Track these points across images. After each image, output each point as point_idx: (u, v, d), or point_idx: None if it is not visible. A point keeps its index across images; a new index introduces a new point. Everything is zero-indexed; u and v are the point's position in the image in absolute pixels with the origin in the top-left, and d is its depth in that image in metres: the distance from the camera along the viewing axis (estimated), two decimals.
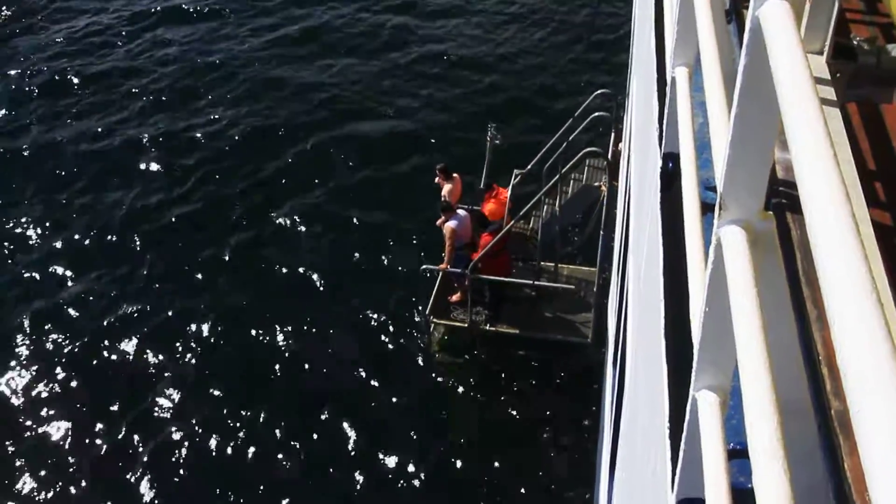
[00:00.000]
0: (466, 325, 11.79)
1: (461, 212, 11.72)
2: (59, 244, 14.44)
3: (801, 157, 1.10)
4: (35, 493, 10.51)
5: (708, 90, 1.94)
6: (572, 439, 10.93)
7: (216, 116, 17.51)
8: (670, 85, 2.92)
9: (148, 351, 12.26)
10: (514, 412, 11.31)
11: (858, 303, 0.88)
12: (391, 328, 12.46)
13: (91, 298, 13.30)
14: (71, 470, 10.80)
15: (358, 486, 10.52)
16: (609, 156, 12.05)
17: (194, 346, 12.31)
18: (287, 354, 12.13)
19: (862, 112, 3.08)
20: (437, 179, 12.52)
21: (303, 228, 14.39)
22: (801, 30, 2.84)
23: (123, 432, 11.16)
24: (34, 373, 12.09)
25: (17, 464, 10.87)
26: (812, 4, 2.89)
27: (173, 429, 11.19)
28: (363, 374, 11.81)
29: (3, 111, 18.08)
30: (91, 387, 11.85)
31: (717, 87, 1.92)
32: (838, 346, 0.87)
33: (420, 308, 12.30)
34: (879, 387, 0.79)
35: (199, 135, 16.90)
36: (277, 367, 11.96)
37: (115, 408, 11.49)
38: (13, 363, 12.25)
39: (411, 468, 10.67)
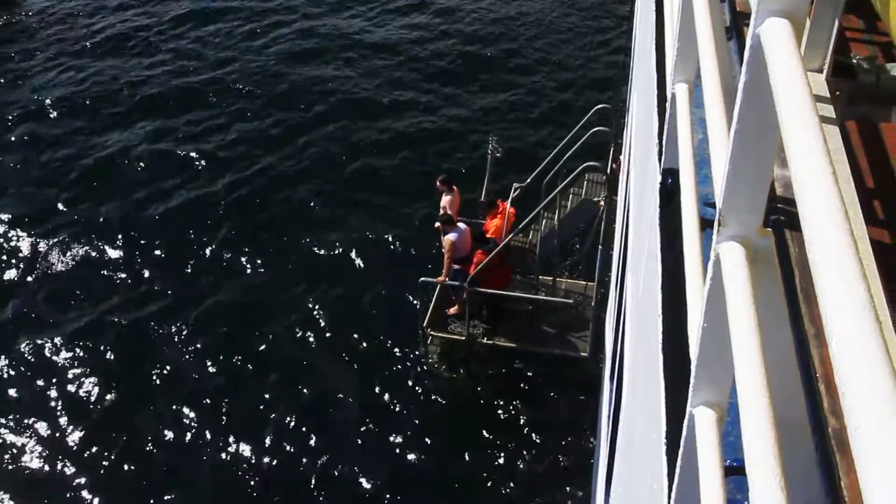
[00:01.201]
0: (464, 337, 11.78)
1: (461, 225, 11.73)
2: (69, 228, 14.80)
3: (800, 175, 1.10)
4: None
5: (708, 106, 1.94)
6: (569, 453, 10.89)
7: (221, 114, 17.80)
8: (670, 101, 2.93)
9: (135, 353, 12.28)
10: (511, 426, 11.28)
11: (856, 321, 0.88)
12: (388, 340, 12.44)
13: (90, 282, 13.58)
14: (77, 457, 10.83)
15: (352, 495, 10.47)
16: (608, 170, 12.08)
17: (193, 351, 12.28)
18: (282, 365, 12.09)
19: (861, 130, 3.08)
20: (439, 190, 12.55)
21: (298, 240, 14.38)
22: (802, 48, 2.85)
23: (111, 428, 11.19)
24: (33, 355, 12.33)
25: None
26: (812, 23, 2.90)
27: (156, 433, 11.18)
28: (360, 385, 11.78)
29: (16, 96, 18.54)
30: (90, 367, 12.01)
31: (717, 103, 1.92)
32: (836, 363, 0.87)
33: (418, 320, 12.28)
34: (877, 405, 0.79)
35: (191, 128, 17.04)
36: (272, 376, 11.92)
37: (104, 398, 11.53)
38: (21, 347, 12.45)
39: (406, 480, 10.62)
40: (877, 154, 2.96)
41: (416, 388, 11.81)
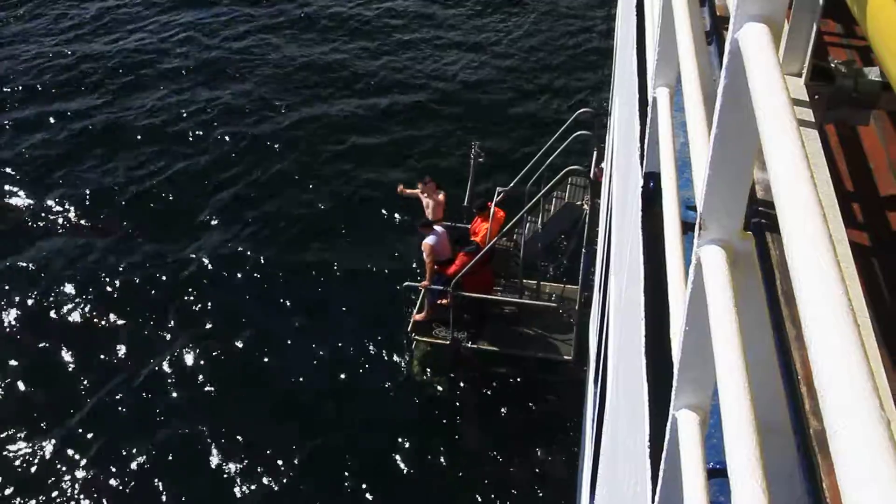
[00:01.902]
0: (448, 342, 11.77)
1: (438, 228, 11.73)
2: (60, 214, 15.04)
3: (778, 178, 1.11)
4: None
5: (688, 110, 1.95)
6: (553, 457, 10.90)
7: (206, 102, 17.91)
8: (651, 105, 2.94)
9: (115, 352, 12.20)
10: (495, 429, 11.27)
11: (835, 324, 0.89)
12: (372, 345, 12.41)
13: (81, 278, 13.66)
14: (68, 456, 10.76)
15: (335, 499, 10.43)
16: (591, 174, 12.12)
17: (175, 360, 12.19)
18: (265, 368, 12.03)
19: (840, 134, 3.11)
20: (420, 190, 12.56)
21: (282, 244, 14.32)
22: (781, 52, 2.87)
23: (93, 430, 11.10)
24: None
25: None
26: (791, 27, 2.93)
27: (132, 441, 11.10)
28: (343, 390, 11.74)
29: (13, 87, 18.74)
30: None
31: (697, 107, 1.93)
32: (815, 366, 0.88)
33: (402, 325, 12.26)
34: (855, 408, 0.79)
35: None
36: (255, 379, 11.86)
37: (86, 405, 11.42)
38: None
39: (390, 484, 10.59)
40: (855, 157, 2.99)
41: (400, 392, 11.78)
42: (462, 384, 11.89)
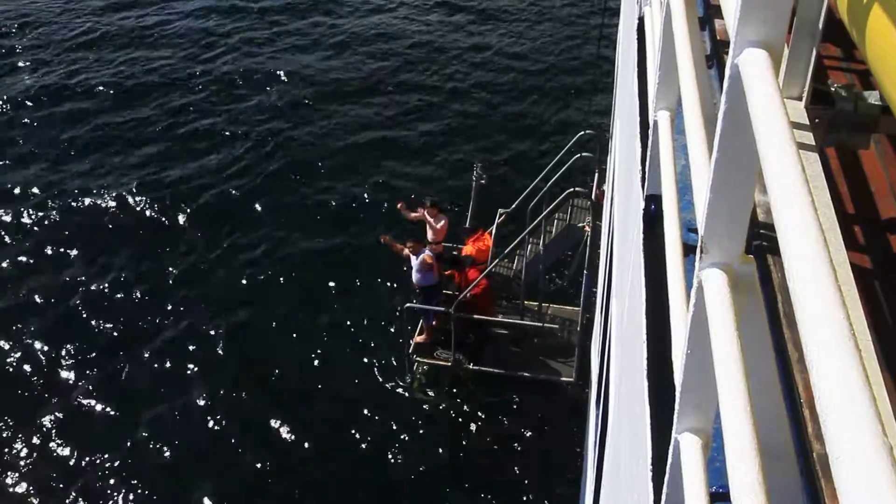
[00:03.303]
0: (449, 363, 11.74)
1: (426, 250, 11.80)
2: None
3: (779, 201, 1.11)
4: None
5: (689, 134, 1.96)
6: (555, 480, 10.83)
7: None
8: (652, 128, 2.95)
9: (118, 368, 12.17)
10: (497, 452, 11.21)
11: (836, 347, 0.89)
12: (374, 367, 12.37)
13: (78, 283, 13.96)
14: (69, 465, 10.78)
15: None
16: (592, 196, 12.15)
17: (167, 374, 12.15)
18: (267, 389, 11.99)
19: (840, 157, 3.12)
20: (422, 214, 12.58)
21: (285, 264, 14.33)
22: (781, 76, 2.89)
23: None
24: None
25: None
26: (791, 51, 2.94)
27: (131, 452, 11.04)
28: (345, 412, 11.69)
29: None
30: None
31: (698, 130, 1.94)
32: (816, 391, 0.87)
33: (404, 346, 12.23)
34: (858, 433, 0.79)
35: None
36: (257, 401, 11.81)
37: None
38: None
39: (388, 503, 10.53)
40: (856, 180, 3.00)
41: (401, 413, 11.72)
42: (463, 406, 11.83)
